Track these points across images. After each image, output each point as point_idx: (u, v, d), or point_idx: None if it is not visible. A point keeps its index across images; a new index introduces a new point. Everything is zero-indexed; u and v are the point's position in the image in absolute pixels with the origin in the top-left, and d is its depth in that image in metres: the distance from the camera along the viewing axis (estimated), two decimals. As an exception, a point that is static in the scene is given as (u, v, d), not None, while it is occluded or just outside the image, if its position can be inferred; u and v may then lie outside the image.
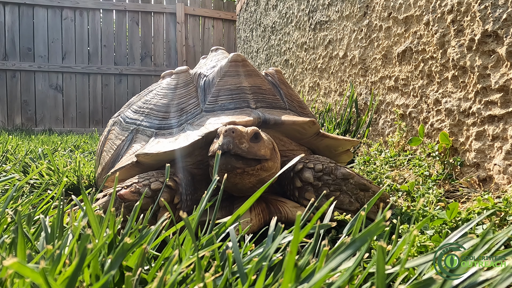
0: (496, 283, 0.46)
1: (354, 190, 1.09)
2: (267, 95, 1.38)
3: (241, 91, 1.34)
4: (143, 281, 0.61)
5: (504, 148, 1.25)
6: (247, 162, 0.99)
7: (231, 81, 1.36)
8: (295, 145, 1.36)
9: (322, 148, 1.41)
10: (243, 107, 1.29)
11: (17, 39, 6.65)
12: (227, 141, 0.96)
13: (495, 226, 0.95)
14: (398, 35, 1.87)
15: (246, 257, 0.62)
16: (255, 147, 1.00)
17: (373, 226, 0.50)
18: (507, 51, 1.23)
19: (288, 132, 1.33)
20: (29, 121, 6.81)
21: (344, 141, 1.37)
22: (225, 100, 1.32)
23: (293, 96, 1.51)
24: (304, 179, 1.10)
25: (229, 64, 1.39)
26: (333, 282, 0.52)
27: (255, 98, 1.34)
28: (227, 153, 0.96)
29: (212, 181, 0.79)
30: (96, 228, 0.64)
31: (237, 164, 0.98)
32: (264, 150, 1.03)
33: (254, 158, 1.00)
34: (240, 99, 1.31)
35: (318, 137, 1.33)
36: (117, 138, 1.41)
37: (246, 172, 1.00)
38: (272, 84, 1.47)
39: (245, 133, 0.99)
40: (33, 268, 0.45)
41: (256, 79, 1.39)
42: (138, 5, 7.18)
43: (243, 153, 0.97)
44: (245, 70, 1.39)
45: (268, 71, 1.54)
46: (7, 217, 0.74)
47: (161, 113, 1.33)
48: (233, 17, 7.60)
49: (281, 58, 3.96)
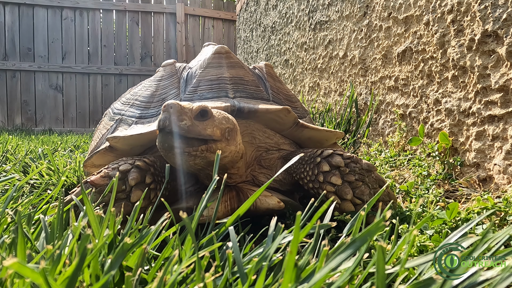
0: (496, 283, 0.46)
1: (374, 184, 1.07)
2: (249, 86, 1.35)
3: (221, 82, 1.32)
4: (143, 281, 0.61)
5: (504, 148, 1.25)
6: (187, 142, 0.91)
7: (212, 72, 1.35)
8: (279, 137, 1.34)
9: (305, 140, 1.38)
10: (221, 96, 1.27)
11: (17, 39, 6.65)
12: (164, 117, 0.88)
13: (495, 226, 0.95)
14: (398, 35, 1.87)
15: (246, 257, 0.62)
16: (200, 125, 0.92)
17: (373, 226, 0.50)
18: (507, 51, 1.23)
19: (267, 123, 1.30)
20: (29, 121, 6.81)
21: (325, 132, 1.33)
22: (204, 90, 1.30)
23: (281, 89, 1.48)
24: (334, 163, 1.06)
25: (212, 56, 1.39)
26: (333, 282, 0.52)
27: (235, 88, 1.31)
28: (163, 130, 0.89)
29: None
30: (96, 228, 0.64)
31: (175, 143, 0.89)
32: (212, 130, 0.94)
33: (197, 137, 0.92)
34: (219, 89, 1.30)
35: (298, 128, 1.29)
36: (104, 128, 1.43)
37: (187, 152, 0.91)
38: (257, 77, 1.45)
39: (187, 109, 0.90)
40: (33, 268, 0.45)
41: (239, 71, 1.37)
42: (138, 5, 7.18)
43: (181, 131, 0.89)
44: (228, 62, 1.38)
45: (257, 64, 1.54)
46: (7, 217, 0.74)
47: (144, 104, 1.34)
48: (233, 17, 7.60)
49: (281, 58, 3.96)
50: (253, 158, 1.27)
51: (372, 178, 1.07)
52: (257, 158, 1.29)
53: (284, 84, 1.55)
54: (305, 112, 1.52)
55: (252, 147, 1.27)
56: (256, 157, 1.28)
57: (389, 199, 1.06)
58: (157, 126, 0.89)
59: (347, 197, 1.03)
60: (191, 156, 0.93)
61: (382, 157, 1.76)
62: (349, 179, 1.05)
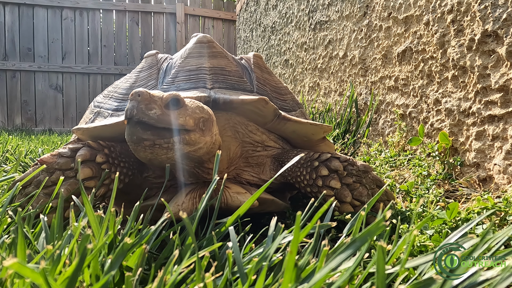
0: (496, 283, 0.46)
1: (372, 185, 1.07)
2: (231, 76, 1.28)
3: (200, 72, 1.26)
4: (143, 281, 0.61)
5: (504, 148, 1.25)
6: (158, 133, 0.84)
7: (192, 62, 1.29)
8: (263, 132, 1.27)
9: (290, 134, 1.30)
10: (198, 87, 1.21)
11: (17, 39, 6.65)
12: (131, 105, 0.81)
13: (495, 226, 0.95)
14: (398, 35, 1.87)
15: (246, 257, 0.62)
16: (171, 114, 0.85)
17: (373, 226, 0.50)
18: (507, 51, 1.23)
19: (248, 115, 1.22)
20: (29, 121, 6.81)
21: (310, 126, 1.24)
22: (182, 81, 1.24)
23: (268, 80, 1.41)
24: (333, 167, 1.06)
25: (193, 45, 1.34)
26: (333, 282, 0.52)
27: (214, 78, 1.24)
28: (131, 120, 0.82)
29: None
30: (96, 228, 0.64)
31: (144, 135, 0.83)
32: (184, 119, 0.87)
33: (169, 127, 0.85)
34: (197, 80, 1.23)
35: (281, 121, 1.21)
36: (83, 121, 1.41)
37: (158, 145, 0.84)
38: (243, 67, 1.38)
39: (157, 98, 0.83)
40: (33, 268, 0.45)
41: (221, 61, 1.31)
42: (138, 5, 7.18)
43: (150, 120, 0.81)
44: (210, 51, 1.31)
45: (246, 55, 1.47)
46: (7, 217, 0.74)
47: (122, 96, 1.31)
48: (233, 17, 7.60)
49: (281, 58, 3.96)
50: (238, 155, 1.22)
51: (369, 179, 1.07)
52: (243, 155, 1.24)
53: (273, 76, 1.48)
54: (297, 106, 1.45)
55: (236, 141, 1.21)
56: (242, 153, 1.23)
57: (388, 199, 1.07)
58: (125, 116, 0.83)
59: (347, 200, 1.02)
60: (163, 148, 0.86)
61: (382, 157, 1.76)
62: (347, 182, 1.04)
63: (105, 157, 0.99)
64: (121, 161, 1.04)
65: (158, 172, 1.14)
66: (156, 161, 0.90)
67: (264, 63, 1.48)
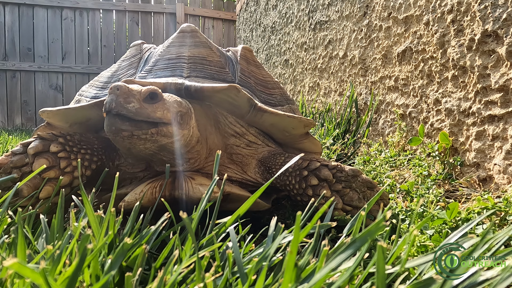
0: (496, 283, 0.46)
1: (362, 188, 1.06)
2: (211, 66, 1.25)
3: (179, 61, 1.24)
4: (143, 281, 0.61)
5: (504, 148, 1.25)
6: (136, 125, 0.87)
7: (173, 51, 1.28)
8: (243, 125, 1.24)
9: (269, 128, 1.26)
10: (174, 75, 1.19)
11: (17, 39, 6.65)
12: (110, 99, 0.85)
13: (495, 226, 0.95)
14: (398, 35, 1.87)
15: (246, 257, 0.62)
16: (149, 108, 0.88)
17: (373, 226, 0.50)
18: (507, 51, 1.23)
19: (223, 106, 1.19)
20: (29, 121, 6.81)
21: (287, 118, 1.19)
22: (160, 69, 1.23)
23: (254, 73, 1.36)
24: (323, 176, 1.05)
25: (176, 35, 1.32)
26: (333, 282, 0.52)
27: (192, 67, 1.22)
28: (110, 113, 0.85)
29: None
30: (96, 228, 0.64)
31: (122, 126, 0.86)
32: (162, 113, 0.91)
33: (146, 120, 0.88)
34: (175, 68, 1.21)
35: (257, 113, 1.17)
36: None
37: (136, 136, 0.88)
38: (227, 59, 1.35)
39: (135, 92, 0.87)
40: (33, 268, 0.45)
41: (203, 50, 1.28)
42: (138, 5, 7.18)
43: (129, 113, 0.85)
44: (192, 41, 1.29)
45: (234, 48, 1.45)
46: (7, 217, 0.74)
47: (102, 84, 1.31)
48: (233, 17, 7.60)
49: (281, 58, 3.96)
50: (220, 147, 1.19)
51: (359, 182, 1.07)
52: (227, 150, 1.21)
53: (262, 70, 1.43)
54: (285, 101, 1.39)
55: (216, 132, 1.19)
56: (227, 148, 1.21)
57: (381, 198, 1.07)
58: (104, 109, 0.86)
59: (338, 207, 1.03)
60: (141, 139, 0.89)
61: (382, 157, 1.76)
62: (337, 188, 1.05)
63: (61, 146, 0.98)
64: (81, 148, 1.03)
65: (130, 161, 1.12)
66: (134, 150, 0.94)
67: (253, 56, 1.45)
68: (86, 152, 1.03)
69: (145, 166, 1.13)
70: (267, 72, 1.45)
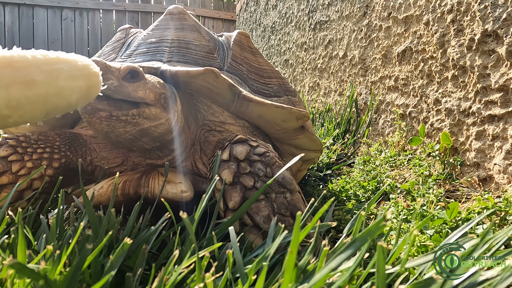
0: (496, 283, 0.46)
1: (283, 210, 0.77)
2: (197, 51, 1.14)
3: (161, 44, 1.14)
4: (143, 281, 0.61)
5: (504, 148, 1.25)
6: (115, 104, 0.79)
7: (156, 34, 1.19)
8: (227, 116, 1.12)
9: (257, 120, 1.12)
10: (154, 60, 1.09)
11: (17, 39, 6.65)
12: None
13: (495, 226, 0.95)
14: (398, 35, 1.87)
15: (246, 257, 0.62)
16: (129, 86, 0.80)
17: (373, 226, 0.50)
18: (507, 51, 1.23)
19: (204, 93, 1.07)
20: (29, 121, 6.82)
21: (275, 109, 1.05)
22: (140, 54, 1.14)
23: (248, 59, 1.24)
24: (234, 152, 0.84)
25: (162, 17, 1.23)
26: (333, 282, 0.52)
27: (175, 52, 1.12)
28: None
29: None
30: (96, 228, 0.64)
31: (100, 105, 0.77)
32: (144, 92, 0.83)
33: (127, 99, 0.80)
34: (155, 52, 1.12)
35: (243, 102, 1.04)
36: None
37: (115, 117, 0.79)
38: (217, 44, 1.23)
39: (114, 69, 0.79)
40: (33, 268, 0.45)
41: (189, 34, 1.18)
42: (138, 5, 7.18)
43: (107, 91, 0.76)
44: (178, 24, 1.20)
45: (229, 33, 1.32)
46: (7, 217, 0.74)
47: None
48: (233, 17, 7.60)
49: (281, 58, 3.96)
50: (196, 138, 1.10)
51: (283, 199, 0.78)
52: (200, 141, 1.10)
53: (259, 57, 1.30)
54: (284, 93, 1.26)
55: (196, 123, 1.10)
56: (199, 138, 1.10)
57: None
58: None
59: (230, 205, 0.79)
60: (121, 121, 0.80)
61: (382, 157, 1.76)
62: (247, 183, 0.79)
63: (11, 149, 0.89)
64: (38, 147, 0.94)
65: (104, 154, 1.03)
66: (113, 134, 0.84)
67: (249, 42, 1.32)
68: (44, 151, 0.94)
69: (122, 161, 1.04)
70: (265, 60, 1.33)
